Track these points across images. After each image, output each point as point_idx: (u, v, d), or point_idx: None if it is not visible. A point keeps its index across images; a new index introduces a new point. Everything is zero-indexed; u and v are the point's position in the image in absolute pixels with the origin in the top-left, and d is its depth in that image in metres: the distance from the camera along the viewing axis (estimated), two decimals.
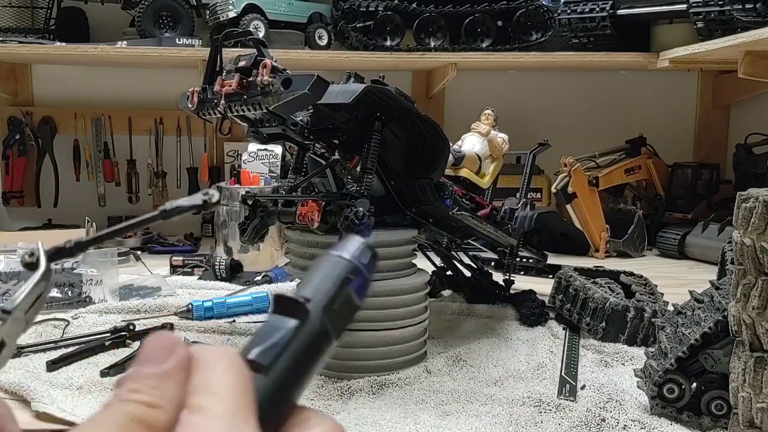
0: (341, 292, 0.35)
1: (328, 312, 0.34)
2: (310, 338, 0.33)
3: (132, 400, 0.30)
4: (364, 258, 0.37)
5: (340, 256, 0.36)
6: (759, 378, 0.86)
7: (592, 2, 2.29)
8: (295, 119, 1.11)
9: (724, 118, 2.77)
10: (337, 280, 0.35)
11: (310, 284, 0.35)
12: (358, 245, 0.37)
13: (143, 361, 0.32)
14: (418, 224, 1.28)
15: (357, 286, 0.36)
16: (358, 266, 0.36)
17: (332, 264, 0.36)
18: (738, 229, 0.87)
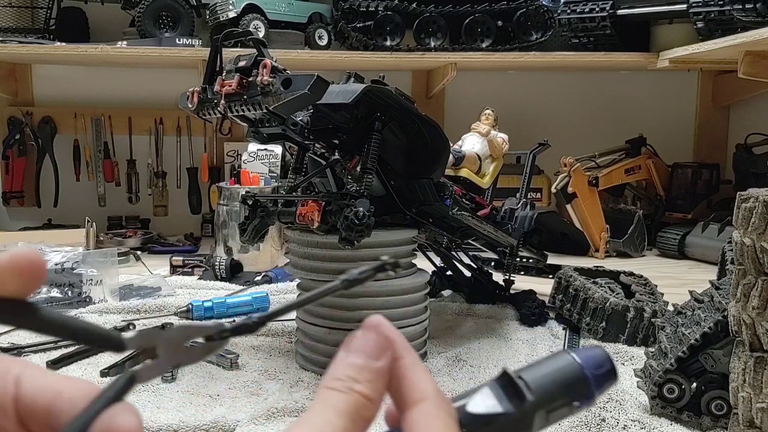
0: (563, 407, 0.35)
1: (542, 415, 0.34)
2: (513, 425, 0.34)
3: (356, 390, 0.31)
4: (603, 379, 0.35)
5: (582, 367, 0.35)
6: (759, 378, 0.86)
7: (592, 2, 2.29)
8: (295, 119, 1.11)
9: (724, 118, 2.78)
10: (566, 392, 0.35)
11: (539, 376, 0.35)
12: (603, 363, 0.36)
13: (358, 350, 0.33)
14: (418, 224, 1.28)
15: (580, 404, 0.35)
16: (591, 384, 0.35)
17: (569, 371, 0.35)
18: (738, 229, 0.87)
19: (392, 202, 1.23)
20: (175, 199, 2.61)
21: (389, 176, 1.21)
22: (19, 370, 0.34)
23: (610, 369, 0.36)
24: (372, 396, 0.32)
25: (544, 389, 0.34)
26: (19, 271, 0.32)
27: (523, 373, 0.35)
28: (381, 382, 0.32)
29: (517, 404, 0.34)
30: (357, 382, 0.32)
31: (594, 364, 0.35)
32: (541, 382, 0.34)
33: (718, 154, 2.72)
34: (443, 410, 0.33)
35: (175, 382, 1.16)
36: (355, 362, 0.32)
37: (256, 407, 1.04)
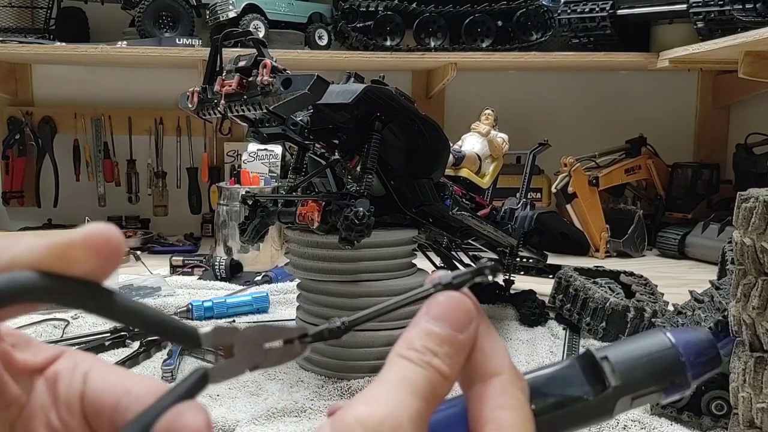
0: (650, 395, 0.31)
1: (626, 401, 0.30)
2: (592, 412, 0.30)
3: (433, 366, 0.28)
4: (701, 361, 0.31)
5: (675, 346, 0.31)
6: (759, 378, 0.86)
7: (592, 2, 2.29)
8: (295, 119, 1.11)
9: (724, 118, 2.78)
10: (657, 379, 0.31)
11: (627, 359, 0.31)
12: (702, 342, 0.31)
13: (441, 318, 0.29)
14: (418, 224, 1.28)
15: (673, 391, 0.31)
16: (687, 371, 0.31)
17: (663, 356, 0.31)
18: (738, 229, 0.87)
19: (392, 202, 1.23)
20: (175, 199, 2.61)
21: (389, 176, 1.21)
22: (88, 365, 0.33)
23: (715, 356, 0.31)
24: (449, 373, 0.28)
25: (631, 374, 0.30)
26: (95, 250, 0.29)
27: (610, 353, 0.31)
28: (461, 357, 0.29)
29: (598, 390, 0.30)
30: (435, 355, 0.28)
31: (695, 350, 0.31)
32: (629, 365, 0.31)
33: (718, 154, 2.72)
34: (517, 387, 0.29)
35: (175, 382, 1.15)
36: (435, 331, 0.29)
37: (256, 407, 1.04)
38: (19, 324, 1.44)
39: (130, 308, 0.30)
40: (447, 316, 0.29)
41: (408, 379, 0.27)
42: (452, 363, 0.28)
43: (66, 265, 0.29)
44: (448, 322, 0.29)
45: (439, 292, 0.30)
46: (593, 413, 0.30)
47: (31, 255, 0.28)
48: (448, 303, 0.29)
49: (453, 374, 0.29)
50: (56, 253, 0.29)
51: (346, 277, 1.18)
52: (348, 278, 1.18)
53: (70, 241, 0.29)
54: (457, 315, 0.29)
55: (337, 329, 0.32)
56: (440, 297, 0.30)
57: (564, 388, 0.30)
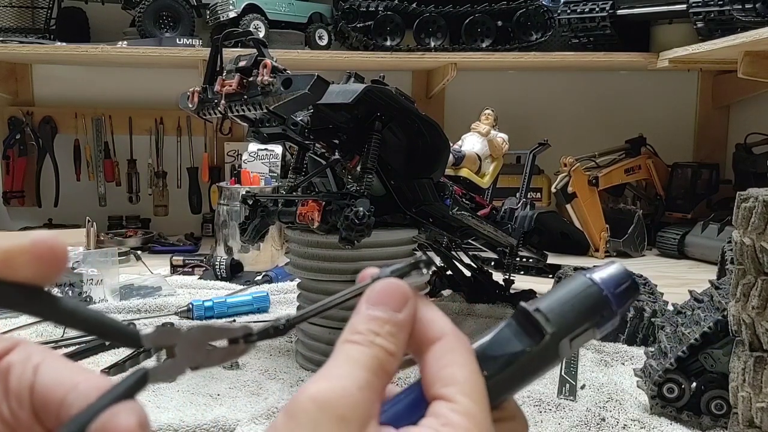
0: (585, 330, 0.33)
1: (565, 343, 0.33)
2: (538, 362, 0.33)
3: (377, 344, 0.30)
4: (623, 296, 0.34)
5: (595, 284, 0.34)
6: (759, 377, 0.86)
7: (592, 2, 2.29)
8: (296, 119, 1.11)
9: (724, 118, 2.78)
10: (587, 315, 0.33)
11: (556, 305, 0.33)
12: (618, 275, 0.34)
13: (377, 303, 0.31)
14: (418, 224, 1.28)
15: (603, 323, 0.34)
16: (611, 304, 0.33)
17: (586, 295, 0.34)
18: (738, 228, 0.87)
19: (392, 202, 1.23)
20: (176, 198, 2.62)
21: (389, 176, 1.21)
22: (40, 358, 0.33)
23: (630, 284, 0.34)
24: (394, 350, 0.31)
25: (564, 318, 0.33)
26: (39, 257, 0.31)
27: (540, 304, 0.33)
28: (403, 334, 0.31)
29: (538, 339, 0.33)
30: (378, 335, 0.31)
31: (613, 282, 0.34)
32: (560, 310, 0.33)
33: (717, 154, 2.72)
34: (461, 345, 0.32)
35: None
36: (376, 315, 0.31)
37: (256, 407, 1.04)
38: (20, 324, 1.44)
39: (71, 311, 0.32)
40: (385, 300, 0.32)
41: (355, 358, 0.30)
42: (395, 340, 0.31)
43: (11, 270, 0.31)
44: (387, 305, 0.31)
45: (375, 281, 0.33)
46: (540, 362, 0.33)
47: None
48: (384, 288, 0.32)
49: (398, 350, 0.31)
50: (2, 258, 0.31)
51: (346, 277, 1.19)
52: (348, 278, 1.19)
53: (15, 248, 0.31)
54: (393, 297, 0.32)
55: (282, 327, 0.34)
56: (377, 285, 0.32)
57: (507, 347, 0.33)
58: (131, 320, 1.41)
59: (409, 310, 0.32)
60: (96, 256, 1.66)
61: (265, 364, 1.24)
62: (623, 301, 0.34)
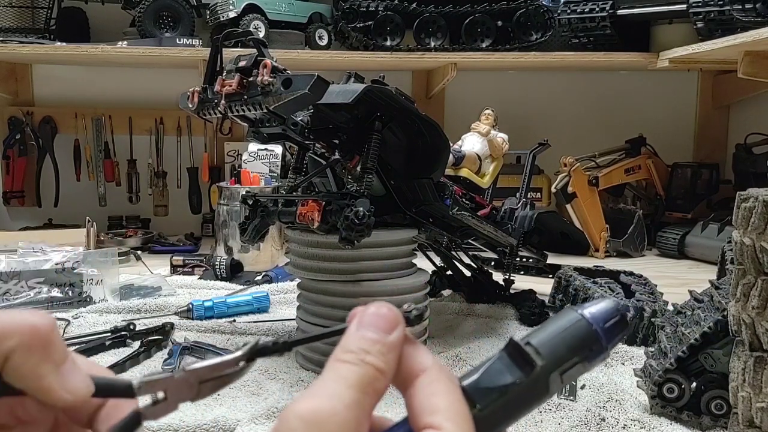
0: (575, 364, 0.34)
1: (555, 377, 0.34)
2: (528, 395, 0.34)
3: (366, 362, 0.31)
4: (613, 331, 0.34)
5: (587, 321, 0.34)
6: (759, 377, 0.86)
7: (592, 2, 2.29)
8: (296, 119, 1.11)
9: (724, 118, 2.78)
10: (576, 349, 0.34)
11: (547, 338, 0.34)
12: (611, 315, 0.35)
13: (368, 325, 0.32)
14: (418, 224, 1.28)
15: (593, 358, 0.34)
16: (601, 338, 0.34)
17: (576, 328, 0.34)
18: (738, 228, 0.87)
19: (392, 202, 1.23)
20: (176, 198, 2.62)
21: (389, 176, 1.21)
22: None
23: (620, 319, 0.35)
24: (384, 369, 0.31)
25: (554, 351, 0.34)
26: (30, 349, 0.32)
27: (531, 338, 0.34)
28: (393, 355, 0.32)
29: (528, 371, 0.33)
30: (368, 354, 0.31)
31: (602, 317, 0.35)
32: (550, 344, 0.34)
33: (717, 154, 2.72)
34: (444, 375, 0.32)
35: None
36: (367, 335, 0.32)
37: (256, 407, 1.04)
38: None
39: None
40: (375, 322, 0.33)
41: (344, 376, 0.30)
42: (385, 359, 0.32)
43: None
44: (377, 326, 0.32)
45: (367, 305, 0.34)
46: (530, 395, 0.33)
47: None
48: (375, 311, 0.33)
49: (388, 369, 0.32)
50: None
51: (346, 277, 1.19)
52: (348, 278, 1.19)
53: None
54: (383, 319, 0.33)
55: (272, 345, 0.35)
56: (368, 308, 0.33)
57: (498, 379, 0.33)
58: (131, 320, 1.41)
59: (398, 333, 0.33)
60: (96, 256, 1.66)
61: (265, 364, 1.24)
62: (613, 335, 0.34)
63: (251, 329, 1.43)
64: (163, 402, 0.34)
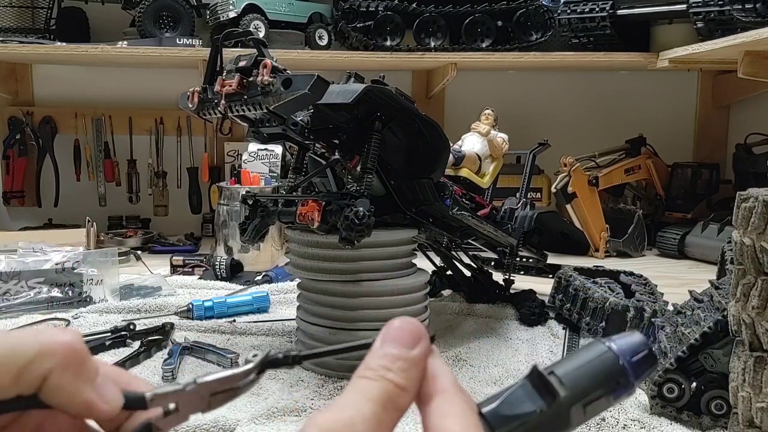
0: (599, 397, 0.33)
1: (578, 409, 0.33)
2: (547, 423, 0.33)
3: (387, 379, 0.31)
4: (640, 365, 0.34)
5: (615, 354, 0.34)
6: (759, 377, 0.86)
7: (592, 2, 2.29)
8: (296, 119, 1.11)
9: (724, 118, 2.78)
10: (602, 382, 0.33)
11: (571, 369, 0.34)
12: (639, 349, 0.34)
13: (391, 340, 0.32)
14: (418, 224, 1.28)
15: (619, 393, 0.34)
16: (629, 374, 0.34)
17: (603, 360, 0.34)
18: (738, 228, 0.87)
19: (392, 202, 1.23)
20: (176, 198, 2.62)
21: (389, 176, 1.21)
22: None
23: (647, 354, 0.34)
24: (405, 384, 0.31)
25: (578, 383, 0.33)
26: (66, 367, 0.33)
27: (555, 368, 0.34)
28: (415, 370, 0.32)
29: (549, 401, 0.33)
30: (389, 370, 0.31)
31: (629, 350, 0.34)
32: (574, 375, 0.33)
33: (718, 154, 2.72)
34: (459, 398, 0.32)
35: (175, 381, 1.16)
36: (388, 351, 0.32)
37: (256, 407, 1.04)
38: (20, 324, 1.44)
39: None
40: (398, 337, 0.32)
41: (363, 391, 0.31)
42: (407, 375, 0.32)
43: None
44: (400, 342, 0.32)
45: (393, 320, 0.34)
46: (551, 426, 0.33)
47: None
48: (399, 326, 0.33)
49: (409, 385, 0.32)
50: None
51: (346, 277, 1.19)
52: (348, 278, 1.19)
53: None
54: (407, 334, 0.33)
55: (282, 359, 0.35)
56: (392, 323, 0.33)
57: (519, 407, 0.33)
58: (131, 320, 1.41)
59: (422, 348, 0.33)
60: (96, 256, 1.66)
61: None
62: (640, 370, 0.34)
63: (251, 329, 1.43)
64: (175, 413, 0.34)
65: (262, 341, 1.37)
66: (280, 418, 1.01)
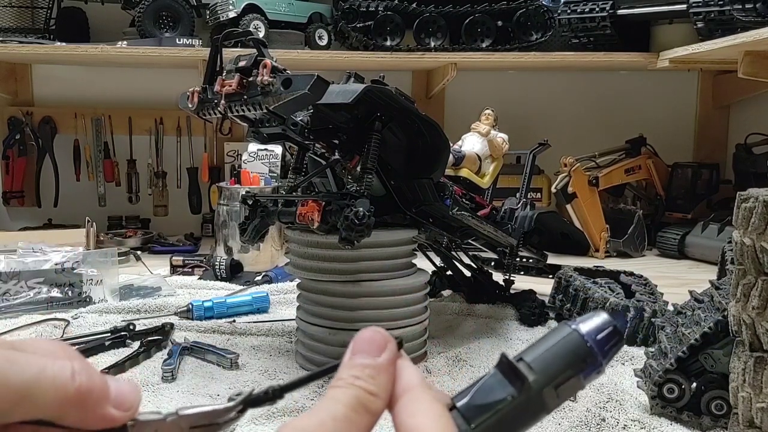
0: (569, 377, 0.34)
1: (550, 392, 0.34)
2: (522, 411, 0.33)
3: (357, 385, 0.33)
4: (606, 343, 0.35)
5: (580, 334, 0.35)
6: (759, 378, 0.86)
7: (592, 2, 2.29)
8: (295, 119, 1.11)
9: (724, 118, 2.78)
10: (569, 363, 0.34)
11: (539, 353, 0.34)
12: (603, 327, 0.35)
13: (358, 351, 0.34)
14: (418, 224, 1.28)
15: (588, 372, 0.34)
16: (595, 352, 0.34)
17: (568, 341, 0.35)
18: (738, 229, 0.87)
19: (392, 202, 1.23)
20: (175, 199, 2.61)
21: (389, 176, 1.21)
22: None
23: (612, 331, 0.35)
24: (374, 390, 0.33)
25: (546, 366, 0.34)
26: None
27: (524, 354, 0.35)
28: (384, 376, 0.33)
29: (520, 387, 0.33)
30: (358, 378, 0.33)
31: (594, 330, 0.35)
32: (542, 359, 0.34)
33: (718, 154, 2.72)
34: (428, 394, 0.33)
35: (175, 382, 1.16)
36: (357, 362, 0.34)
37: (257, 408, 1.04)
38: (19, 324, 1.44)
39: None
40: (365, 347, 0.34)
41: (335, 398, 0.32)
42: (375, 382, 0.33)
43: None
44: (367, 351, 0.34)
45: (360, 332, 0.35)
46: (525, 410, 0.33)
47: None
48: (365, 336, 0.35)
49: (379, 391, 0.33)
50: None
51: (346, 277, 1.18)
52: (348, 278, 1.19)
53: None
54: (372, 344, 0.34)
55: (270, 395, 0.35)
56: (358, 335, 0.35)
57: (491, 395, 0.34)
58: (131, 320, 1.41)
59: (388, 355, 0.34)
60: (96, 256, 1.65)
61: (265, 364, 1.24)
62: (605, 346, 0.35)
63: (251, 329, 1.43)
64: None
65: (261, 341, 1.36)
66: (280, 419, 1.01)
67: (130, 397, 0.34)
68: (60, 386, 0.31)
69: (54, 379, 0.31)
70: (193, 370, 1.20)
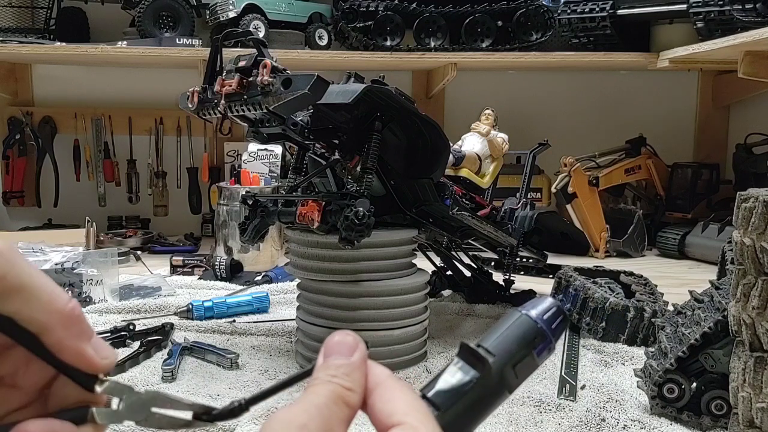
0: (525, 356, 0.37)
1: (509, 371, 0.37)
2: (486, 391, 0.36)
3: (334, 382, 0.35)
4: (552, 322, 0.38)
5: (529, 317, 0.38)
6: (759, 378, 0.86)
7: (592, 2, 2.29)
8: (295, 119, 1.11)
9: (724, 118, 2.78)
10: (523, 343, 0.38)
11: (495, 338, 0.38)
12: (549, 308, 0.39)
13: (331, 353, 0.37)
14: (418, 224, 1.28)
15: (540, 350, 0.38)
16: (545, 331, 0.38)
17: (519, 324, 0.38)
18: (738, 229, 0.87)
19: (392, 202, 1.23)
20: (175, 199, 2.61)
21: (389, 176, 1.21)
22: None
23: (556, 311, 0.39)
24: (350, 385, 0.35)
25: (502, 348, 0.37)
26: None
27: (481, 341, 0.38)
28: (358, 373, 0.36)
29: (481, 369, 0.36)
30: (335, 376, 0.35)
31: (541, 311, 0.38)
32: (498, 342, 0.37)
33: (718, 154, 2.72)
34: (399, 384, 0.36)
35: (175, 382, 1.16)
36: (331, 362, 0.36)
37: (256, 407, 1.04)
38: None
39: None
40: (336, 349, 0.36)
41: (315, 393, 0.34)
42: (351, 378, 0.35)
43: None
44: (339, 352, 0.36)
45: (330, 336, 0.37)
46: (489, 391, 0.36)
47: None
48: (335, 340, 0.37)
49: (354, 386, 0.35)
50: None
51: (346, 277, 1.18)
52: (348, 278, 1.19)
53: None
54: (344, 345, 0.37)
55: (235, 409, 0.38)
56: (329, 340, 0.37)
57: (456, 381, 0.36)
58: (131, 320, 1.41)
59: (360, 354, 0.36)
60: (96, 256, 1.65)
61: (264, 364, 1.24)
62: (554, 327, 0.38)
63: (251, 329, 1.43)
64: (113, 411, 0.36)
65: (261, 341, 1.36)
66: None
67: (107, 350, 0.37)
68: (56, 299, 0.35)
69: (52, 292, 0.35)
70: (193, 370, 1.20)
